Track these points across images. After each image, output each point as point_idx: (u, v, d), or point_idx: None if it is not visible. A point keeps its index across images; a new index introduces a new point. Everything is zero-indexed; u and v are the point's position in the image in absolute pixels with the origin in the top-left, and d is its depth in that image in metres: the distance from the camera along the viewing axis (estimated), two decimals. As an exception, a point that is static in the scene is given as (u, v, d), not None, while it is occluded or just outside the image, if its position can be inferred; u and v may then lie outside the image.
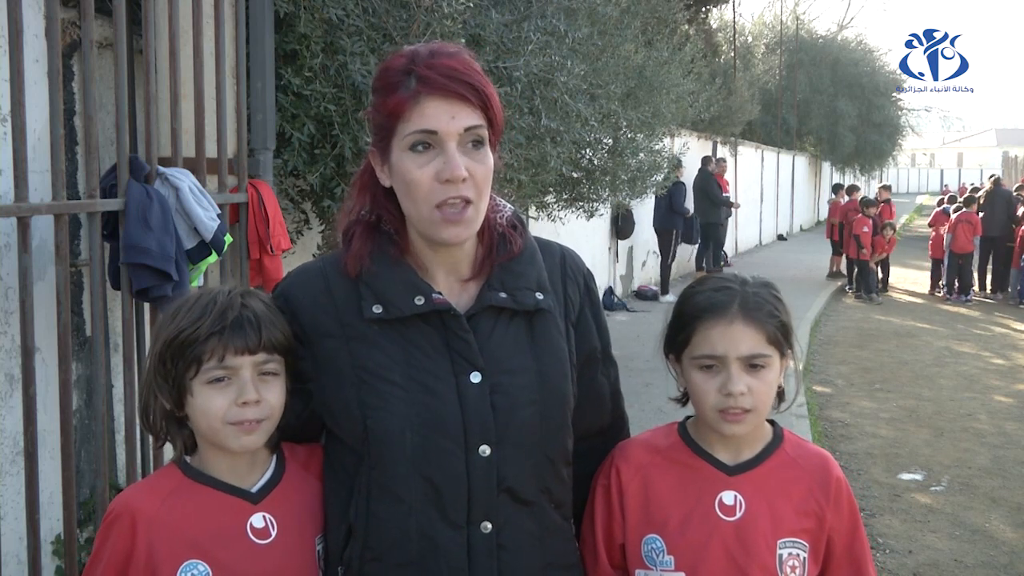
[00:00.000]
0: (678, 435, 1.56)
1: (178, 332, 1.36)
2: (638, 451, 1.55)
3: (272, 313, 1.41)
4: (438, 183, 1.32)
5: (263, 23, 3.26)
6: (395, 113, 1.34)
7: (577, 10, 5.04)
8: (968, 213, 13.40)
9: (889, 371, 8.56)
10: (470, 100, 1.34)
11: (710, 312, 1.45)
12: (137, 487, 1.49)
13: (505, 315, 1.42)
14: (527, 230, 1.50)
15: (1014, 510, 5.03)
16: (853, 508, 1.53)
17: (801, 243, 22.21)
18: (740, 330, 1.43)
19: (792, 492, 1.49)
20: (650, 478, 1.52)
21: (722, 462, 1.50)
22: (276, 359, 1.40)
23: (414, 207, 1.35)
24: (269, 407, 1.39)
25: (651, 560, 1.49)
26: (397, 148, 1.35)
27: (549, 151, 4.82)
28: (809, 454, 1.54)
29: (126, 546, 1.38)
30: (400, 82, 1.34)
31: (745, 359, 1.43)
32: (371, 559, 1.38)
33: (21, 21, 2.27)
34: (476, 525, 1.36)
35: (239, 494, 1.41)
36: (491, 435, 1.36)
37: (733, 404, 1.43)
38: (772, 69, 23.85)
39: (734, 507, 1.47)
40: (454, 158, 1.32)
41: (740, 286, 1.48)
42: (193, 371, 1.37)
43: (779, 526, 1.47)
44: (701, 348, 1.46)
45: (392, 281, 1.39)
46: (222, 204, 3.01)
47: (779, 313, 1.47)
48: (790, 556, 1.46)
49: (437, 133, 1.32)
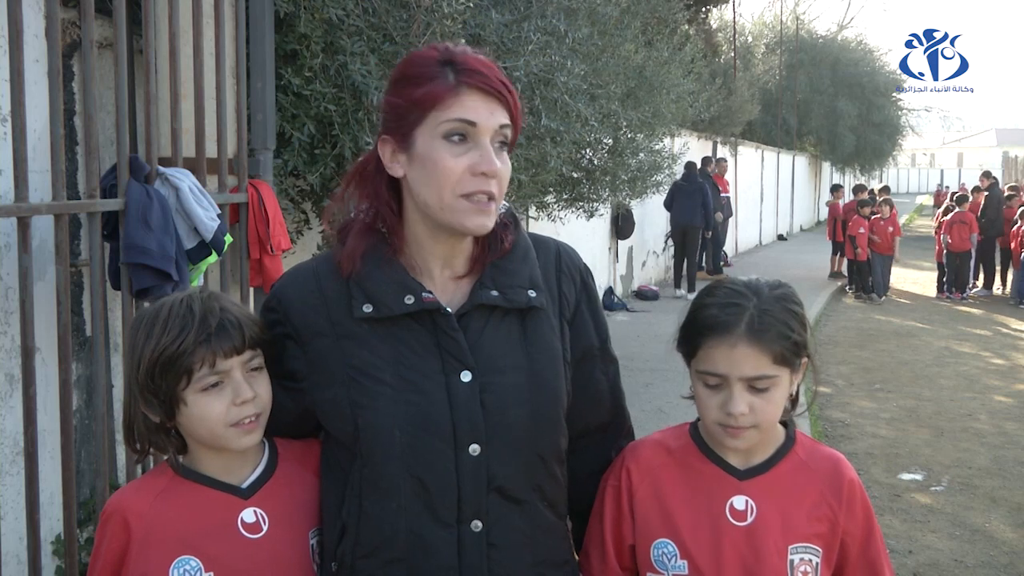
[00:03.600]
0: (689, 436, 1.54)
1: (163, 349, 1.36)
2: (649, 452, 1.54)
3: (243, 309, 1.44)
4: (470, 175, 1.33)
5: (263, 23, 3.26)
6: (430, 101, 1.33)
7: (577, 10, 5.03)
8: (962, 213, 13.40)
9: (889, 371, 8.56)
10: (505, 99, 1.35)
11: (715, 331, 1.42)
12: (129, 487, 1.50)
13: (497, 313, 1.41)
14: (520, 227, 1.49)
15: (1014, 510, 5.03)
16: (867, 510, 1.50)
17: (801, 243, 22.21)
18: (744, 352, 1.40)
19: (804, 497, 1.47)
20: (660, 481, 1.50)
21: (733, 466, 1.48)
22: (259, 353, 1.42)
23: (436, 195, 1.34)
24: (262, 401, 1.42)
25: (661, 564, 1.47)
26: (427, 135, 1.34)
27: (549, 151, 4.82)
28: (821, 456, 1.52)
29: (120, 545, 1.40)
30: (436, 73, 1.34)
31: (748, 379, 1.41)
32: (362, 555, 1.38)
33: (21, 21, 2.27)
34: (466, 524, 1.36)
35: (230, 490, 1.43)
36: (481, 434, 1.36)
37: (734, 422, 1.41)
38: (772, 69, 23.85)
39: (745, 512, 1.45)
40: (490, 152, 1.33)
41: (752, 300, 1.42)
42: (184, 382, 1.37)
43: (790, 531, 1.45)
44: (705, 364, 1.43)
45: (383, 280, 1.39)
46: (222, 204, 3.00)
47: (791, 332, 1.42)
48: (802, 562, 1.44)
49: (476, 125, 1.33)
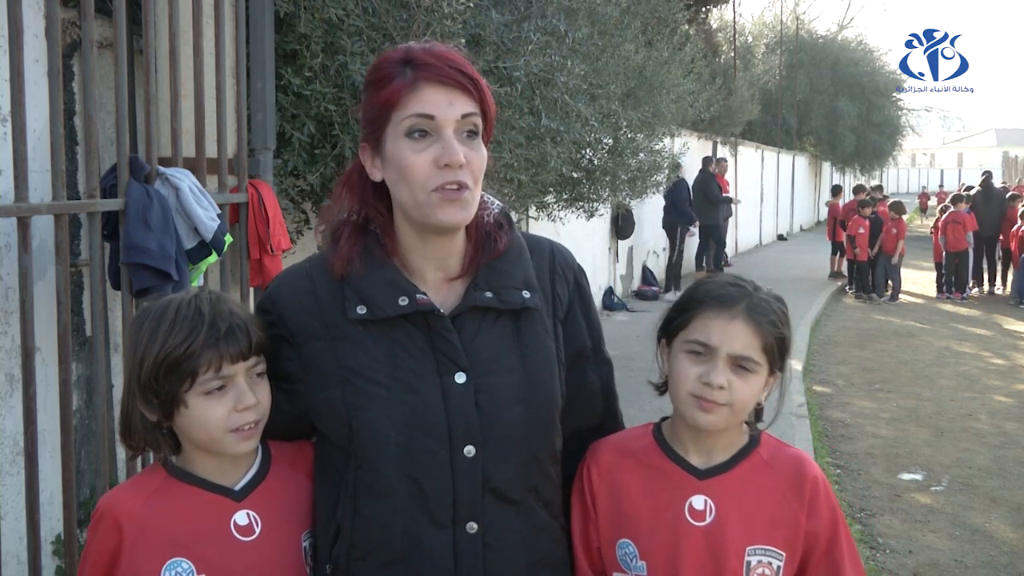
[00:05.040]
0: (652, 436, 1.53)
1: (170, 349, 1.35)
2: (607, 453, 1.53)
3: (249, 313, 1.43)
4: (436, 168, 1.31)
5: (263, 23, 3.26)
6: (390, 101, 1.32)
7: (577, 10, 5.03)
8: (957, 213, 13.39)
9: (889, 371, 8.56)
10: (467, 88, 1.33)
11: (717, 302, 1.45)
12: (121, 487, 1.50)
13: (491, 315, 1.41)
14: (514, 228, 1.48)
15: (1014, 510, 5.03)
16: (833, 511, 1.48)
17: (801, 243, 22.20)
18: (739, 328, 1.43)
19: (766, 499, 1.46)
20: (619, 481, 1.50)
21: (693, 466, 1.48)
22: (263, 359, 1.42)
23: (410, 193, 1.33)
24: (263, 408, 1.41)
25: (625, 564, 1.47)
26: (392, 137, 1.34)
27: (549, 151, 4.82)
28: (784, 457, 1.50)
29: (111, 545, 1.39)
30: (395, 72, 1.33)
31: (735, 358, 1.42)
32: (357, 558, 1.38)
33: (21, 21, 2.27)
34: (462, 525, 1.36)
35: (222, 492, 1.42)
36: (476, 435, 1.36)
37: (710, 395, 1.42)
38: (772, 69, 23.85)
39: (704, 512, 1.44)
40: (452, 143, 1.31)
41: (752, 289, 1.48)
42: (187, 384, 1.36)
43: (750, 533, 1.43)
44: (696, 333, 1.45)
45: (377, 282, 1.38)
46: (222, 204, 3.00)
47: (781, 326, 1.46)
48: (759, 564, 1.43)
49: (435, 119, 1.31)
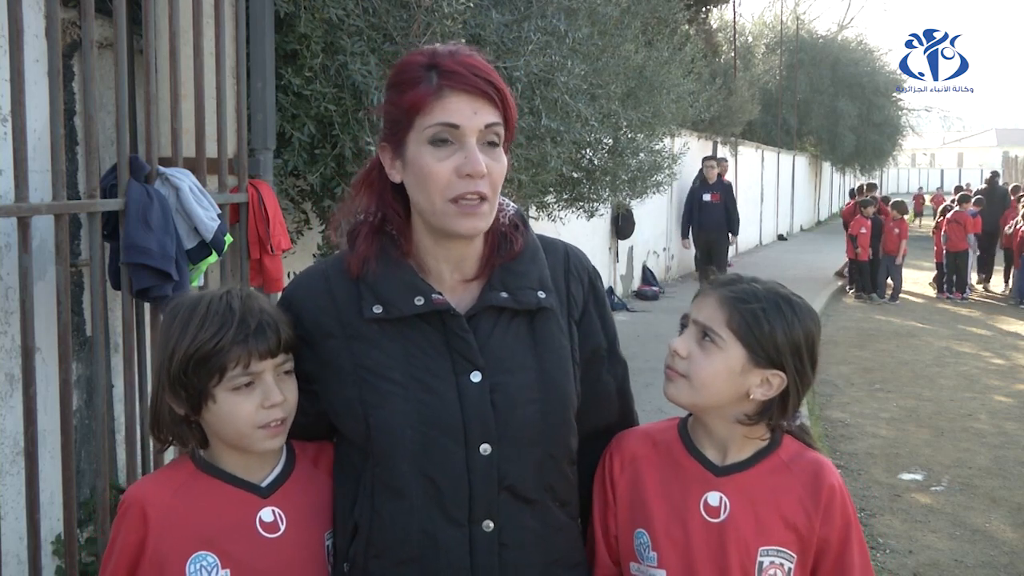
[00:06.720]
0: (676, 430, 1.54)
1: (200, 344, 1.35)
2: (632, 442, 1.54)
3: (279, 311, 1.43)
4: (457, 177, 1.32)
5: (263, 23, 3.26)
6: (414, 107, 1.33)
7: (577, 10, 5.03)
8: (959, 213, 13.41)
9: (889, 371, 8.56)
10: (492, 98, 1.33)
11: (702, 288, 1.50)
12: (149, 478, 1.51)
13: (506, 315, 1.42)
14: (529, 229, 1.49)
15: (1014, 510, 5.03)
16: (848, 518, 1.47)
17: (801, 243, 22.21)
18: (710, 300, 1.45)
19: (781, 500, 1.45)
20: (640, 471, 1.51)
21: (712, 462, 1.48)
22: (291, 357, 1.42)
23: (428, 200, 1.34)
24: (290, 405, 1.42)
25: (640, 554, 1.48)
26: (414, 142, 1.34)
27: (549, 151, 4.82)
28: (804, 461, 1.49)
29: (138, 537, 1.39)
30: (420, 77, 1.34)
31: (700, 326, 1.45)
32: (374, 555, 1.39)
33: (21, 21, 2.27)
34: (478, 524, 1.36)
35: (249, 488, 1.43)
36: (491, 434, 1.36)
37: (669, 360, 1.46)
38: (772, 69, 23.85)
39: (719, 508, 1.45)
40: (475, 153, 1.32)
41: (752, 280, 1.47)
42: (216, 379, 1.37)
43: (763, 533, 1.43)
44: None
45: (393, 282, 1.39)
46: (222, 204, 3.00)
47: (772, 319, 1.41)
48: (771, 565, 1.43)
49: (459, 127, 1.32)
